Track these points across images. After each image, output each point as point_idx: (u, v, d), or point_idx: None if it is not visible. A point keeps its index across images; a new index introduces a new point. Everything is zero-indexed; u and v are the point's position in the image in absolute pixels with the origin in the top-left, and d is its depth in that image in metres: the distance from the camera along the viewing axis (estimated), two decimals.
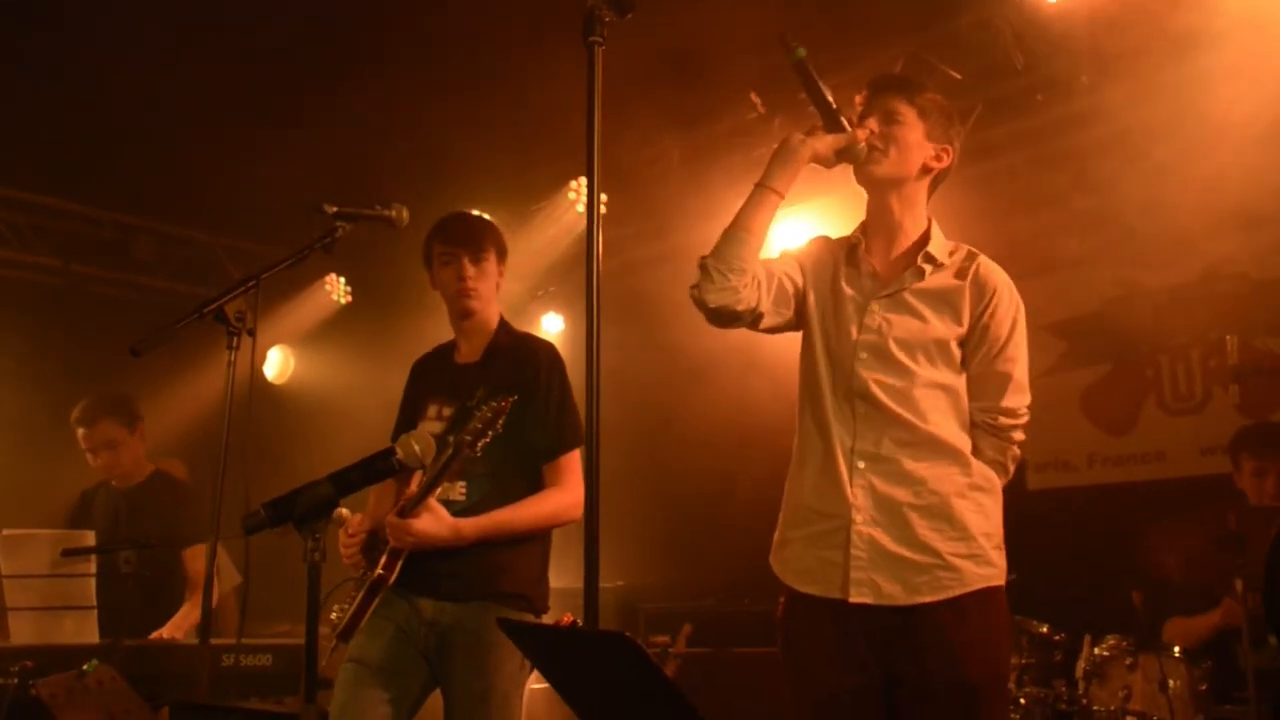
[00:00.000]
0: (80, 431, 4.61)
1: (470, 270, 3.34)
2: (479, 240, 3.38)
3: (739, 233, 2.56)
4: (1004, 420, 2.58)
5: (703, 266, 2.55)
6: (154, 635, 4.15)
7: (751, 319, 2.61)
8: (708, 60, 5.69)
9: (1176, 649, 4.40)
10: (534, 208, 7.13)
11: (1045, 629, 4.66)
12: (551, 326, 7.97)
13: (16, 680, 3.46)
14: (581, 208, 7.06)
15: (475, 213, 3.75)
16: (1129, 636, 4.51)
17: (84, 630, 3.82)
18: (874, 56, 5.82)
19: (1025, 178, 6.04)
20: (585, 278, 2.16)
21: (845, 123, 2.59)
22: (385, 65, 5.74)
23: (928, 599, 2.44)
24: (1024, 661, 4.59)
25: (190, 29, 5.54)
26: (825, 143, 2.59)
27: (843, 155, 2.61)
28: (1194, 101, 4.90)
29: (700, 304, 2.56)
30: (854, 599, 2.45)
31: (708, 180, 6.87)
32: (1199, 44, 4.81)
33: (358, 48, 5.68)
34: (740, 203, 2.61)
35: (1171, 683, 4.31)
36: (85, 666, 2.41)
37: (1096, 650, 4.55)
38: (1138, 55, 5.07)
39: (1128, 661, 4.44)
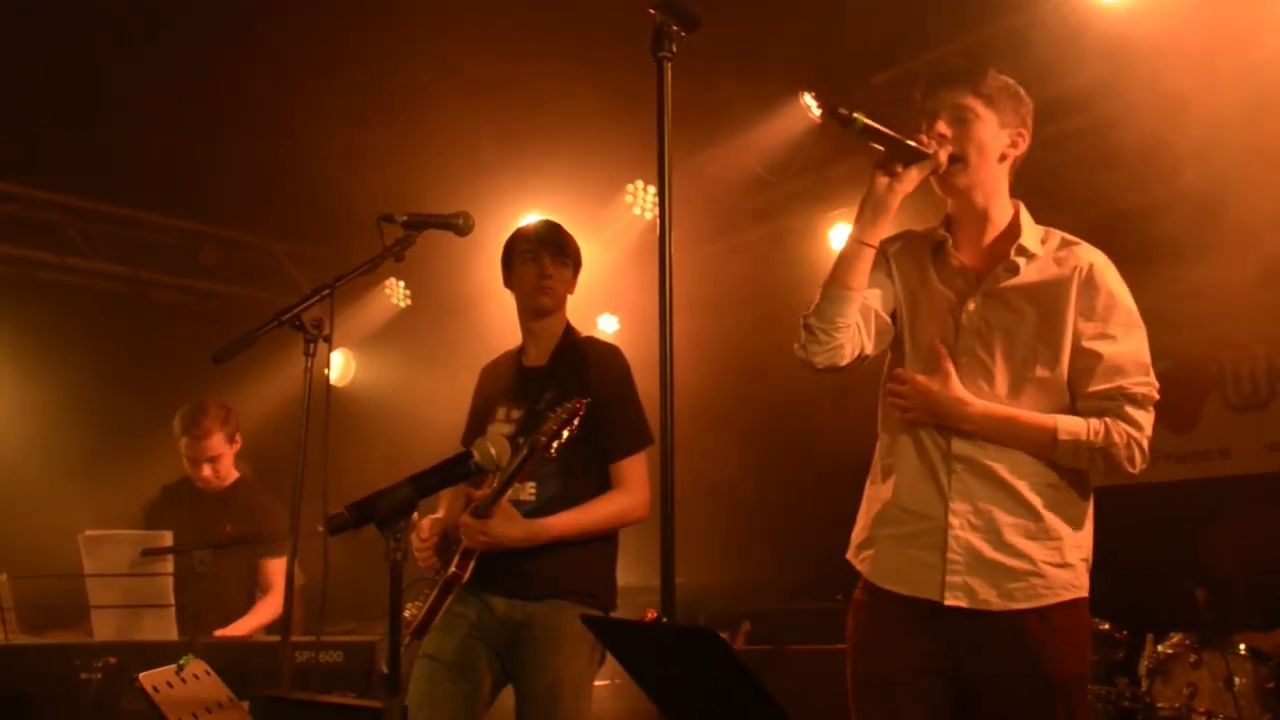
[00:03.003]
0: (184, 441, 4.64)
1: (550, 268, 3.44)
2: (562, 244, 3.50)
3: (840, 290, 2.52)
4: (1105, 404, 2.46)
5: (807, 327, 2.53)
6: (216, 634, 4.21)
7: (858, 363, 2.59)
8: (763, 61, 5.73)
9: (1242, 646, 4.36)
10: (591, 209, 7.18)
11: (1107, 626, 4.64)
12: (607, 327, 8.03)
13: (100, 675, 3.58)
14: (639, 210, 7.10)
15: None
16: (1193, 634, 4.48)
17: (163, 627, 3.90)
18: (926, 55, 5.83)
19: (1079, 175, 6.00)
20: (658, 282, 2.20)
21: (922, 147, 2.50)
22: (441, 71, 5.82)
23: (1021, 606, 2.42)
24: None
25: (254, 42, 5.66)
26: (911, 179, 2.50)
27: (931, 175, 2.54)
28: (1254, 96, 4.85)
29: (806, 364, 2.55)
30: (949, 602, 2.44)
31: (763, 181, 6.92)
32: (1260, 37, 4.77)
33: (416, 54, 5.76)
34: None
35: (1237, 680, 4.28)
36: (182, 661, 2.51)
37: (1160, 648, 4.52)
38: (1197, 50, 5.02)
39: (1192, 659, 4.42)
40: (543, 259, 3.44)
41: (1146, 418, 2.48)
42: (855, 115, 2.43)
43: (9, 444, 6.86)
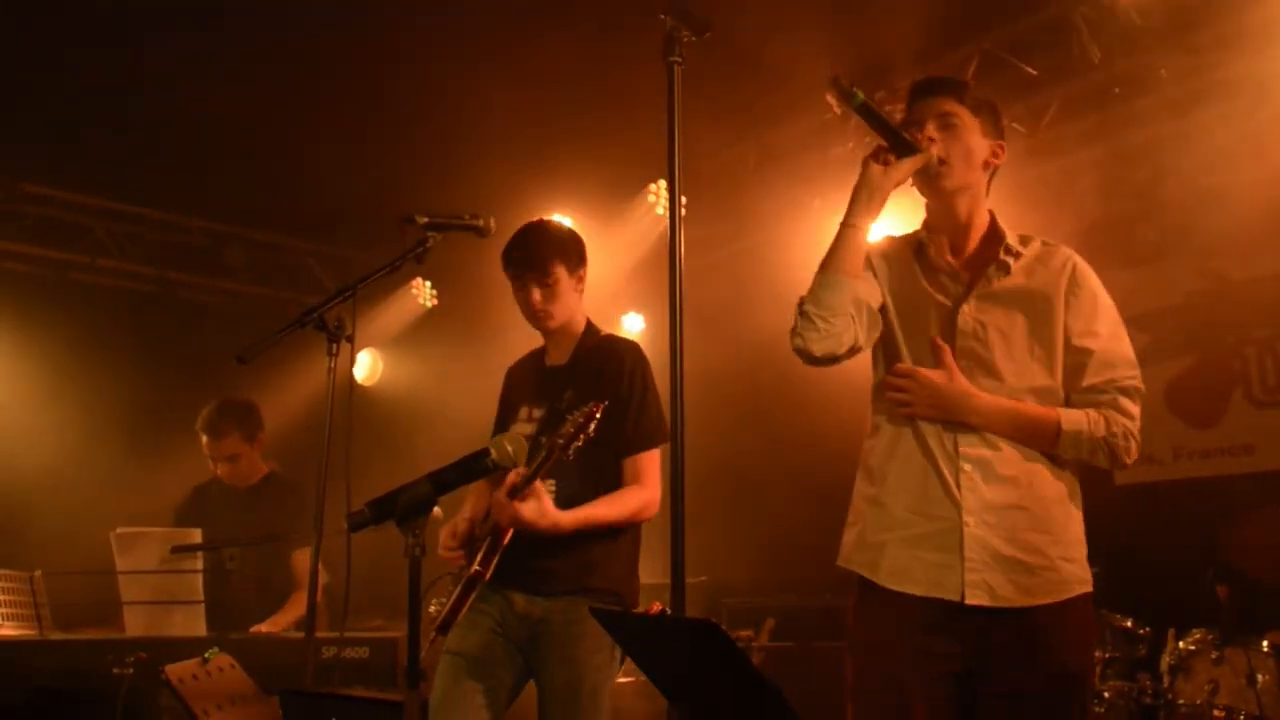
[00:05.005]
0: (204, 439, 4.75)
1: (537, 295, 3.37)
2: (543, 263, 3.37)
3: (835, 276, 2.51)
4: (1099, 396, 2.53)
5: (803, 313, 2.50)
6: (253, 630, 4.29)
7: (850, 355, 2.56)
8: (783, 62, 5.73)
9: (1265, 644, 4.35)
10: (614, 209, 7.21)
11: (1129, 623, 4.64)
12: (632, 326, 8.05)
13: (132, 670, 3.65)
14: (661, 209, 7.11)
15: (552, 219, 3.85)
16: (1215, 630, 4.47)
17: (192, 624, 3.96)
18: (950, 55, 5.83)
19: (1104, 171, 5.99)
20: (668, 282, 2.23)
21: (914, 142, 2.53)
22: (464, 72, 5.85)
23: (1040, 601, 2.44)
24: (1107, 655, 4.58)
25: (278, 43, 5.71)
26: (903, 169, 2.53)
27: (917, 175, 2.57)
28: (1275, 92, 4.84)
29: (803, 352, 2.51)
30: (970, 601, 2.43)
31: (785, 181, 6.92)
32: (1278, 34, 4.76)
33: (439, 55, 5.80)
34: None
35: (1260, 677, 4.26)
36: (207, 654, 2.56)
37: (1181, 644, 4.52)
38: (1217, 47, 5.01)
39: (1214, 655, 4.41)
40: (530, 288, 3.37)
41: (1137, 410, 2.55)
42: (855, 90, 2.45)
43: (42, 443, 6.95)
